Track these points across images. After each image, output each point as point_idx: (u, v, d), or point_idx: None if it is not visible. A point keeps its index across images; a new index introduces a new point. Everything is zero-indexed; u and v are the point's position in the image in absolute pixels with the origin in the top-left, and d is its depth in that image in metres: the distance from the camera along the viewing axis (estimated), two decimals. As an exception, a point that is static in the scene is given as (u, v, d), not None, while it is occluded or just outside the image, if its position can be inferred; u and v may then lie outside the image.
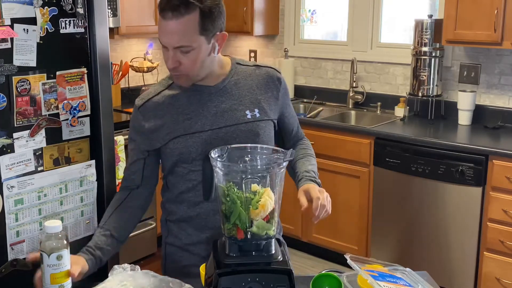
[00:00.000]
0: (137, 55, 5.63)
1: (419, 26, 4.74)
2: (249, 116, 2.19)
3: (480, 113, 4.73)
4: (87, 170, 2.63)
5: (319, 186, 2.16)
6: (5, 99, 2.31)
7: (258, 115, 2.20)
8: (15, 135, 2.37)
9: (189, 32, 2.02)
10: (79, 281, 2.10)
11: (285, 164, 1.79)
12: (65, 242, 1.90)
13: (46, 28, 2.41)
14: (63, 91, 2.50)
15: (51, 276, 1.89)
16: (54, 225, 1.88)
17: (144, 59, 5.58)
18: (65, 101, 2.51)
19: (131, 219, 2.35)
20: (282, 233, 2.44)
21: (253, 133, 2.18)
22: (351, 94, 5.44)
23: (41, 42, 2.40)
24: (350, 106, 5.43)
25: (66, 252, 1.90)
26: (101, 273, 2.23)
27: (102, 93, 2.66)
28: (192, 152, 2.15)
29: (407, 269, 1.97)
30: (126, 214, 2.32)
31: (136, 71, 5.51)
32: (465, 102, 4.67)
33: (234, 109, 2.19)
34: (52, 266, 1.88)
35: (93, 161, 2.66)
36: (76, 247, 2.65)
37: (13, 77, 2.33)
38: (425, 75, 4.76)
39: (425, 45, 4.72)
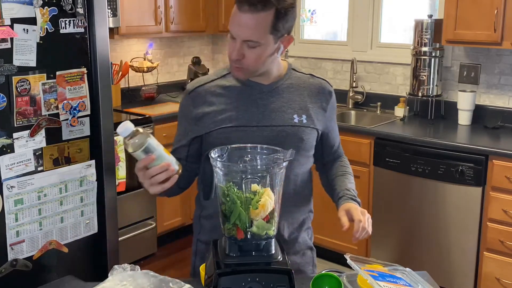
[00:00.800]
0: (137, 55, 5.63)
1: (419, 26, 4.74)
2: (296, 121, 2.17)
3: (480, 113, 4.73)
4: (87, 170, 2.64)
5: (359, 206, 2.17)
6: (5, 99, 2.31)
7: (305, 121, 2.19)
8: (15, 135, 2.37)
9: (261, 29, 2.01)
10: (77, 280, 2.10)
11: (285, 164, 1.79)
12: (143, 132, 1.82)
13: (46, 28, 2.42)
14: (63, 91, 2.50)
15: (164, 152, 1.86)
16: (124, 127, 1.80)
17: (144, 59, 5.57)
18: (65, 101, 2.52)
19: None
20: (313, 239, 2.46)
21: (297, 137, 2.17)
22: (351, 94, 5.44)
23: (41, 42, 2.41)
24: (350, 106, 5.43)
25: (151, 141, 1.83)
26: (101, 273, 2.23)
27: (102, 93, 2.66)
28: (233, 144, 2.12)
29: (407, 269, 1.97)
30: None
31: (136, 71, 5.51)
32: (465, 102, 4.67)
33: (282, 110, 2.17)
34: (157, 145, 1.84)
35: (93, 161, 2.66)
36: (76, 247, 2.66)
37: (13, 77, 2.33)
38: (425, 75, 4.76)
39: (425, 45, 4.72)
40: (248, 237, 1.76)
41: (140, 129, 1.82)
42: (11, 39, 2.31)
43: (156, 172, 1.85)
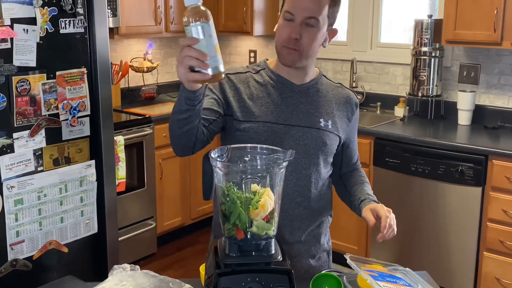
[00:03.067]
0: (137, 55, 5.63)
1: (418, 26, 4.74)
2: (322, 124, 2.20)
3: (479, 113, 4.73)
4: (87, 170, 2.64)
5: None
6: (5, 99, 2.31)
7: (330, 126, 2.21)
8: (15, 135, 2.37)
9: (323, 6, 2.09)
10: (77, 280, 2.10)
11: (285, 164, 1.78)
12: (208, 13, 1.69)
13: (46, 28, 2.42)
14: (63, 91, 2.50)
15: (215, 47, 1.69)
16: None
17: (144, 59, 5.58)
18: (65, 101, 2.52)
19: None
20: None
21: (321, 140, 2.19)
22: (351, 94, 5.43)
23: (41, 42, 2.41)
24: (350, 106, 5.42)
25: (211, 25, 1.69)
26: (101, 273, 2.23)
27: (102, 93, 2.66)
28: (260, 139, 2.12)
29: (407, 269, 1.97)
30: None
31: (136, 71, 5.52)
32: (464, 102, 4.67)
33: (310, 112, 2.19)
34: (211, 35, 1.69)
35: (93, 161, 2.66)
36: (76, 247, 2.66)
37: (13, 77, 2.33)
38: (424, 75, 4.76)
39: (424, 45, 4.72)
40: (248, 237, 1.76)
41: (208, 11, 1.71)
42: (11, 39, 2.31)
43: (191, 54, 1.68)
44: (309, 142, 2.17)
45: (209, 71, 1.69)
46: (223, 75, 1.73)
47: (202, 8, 1.69)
